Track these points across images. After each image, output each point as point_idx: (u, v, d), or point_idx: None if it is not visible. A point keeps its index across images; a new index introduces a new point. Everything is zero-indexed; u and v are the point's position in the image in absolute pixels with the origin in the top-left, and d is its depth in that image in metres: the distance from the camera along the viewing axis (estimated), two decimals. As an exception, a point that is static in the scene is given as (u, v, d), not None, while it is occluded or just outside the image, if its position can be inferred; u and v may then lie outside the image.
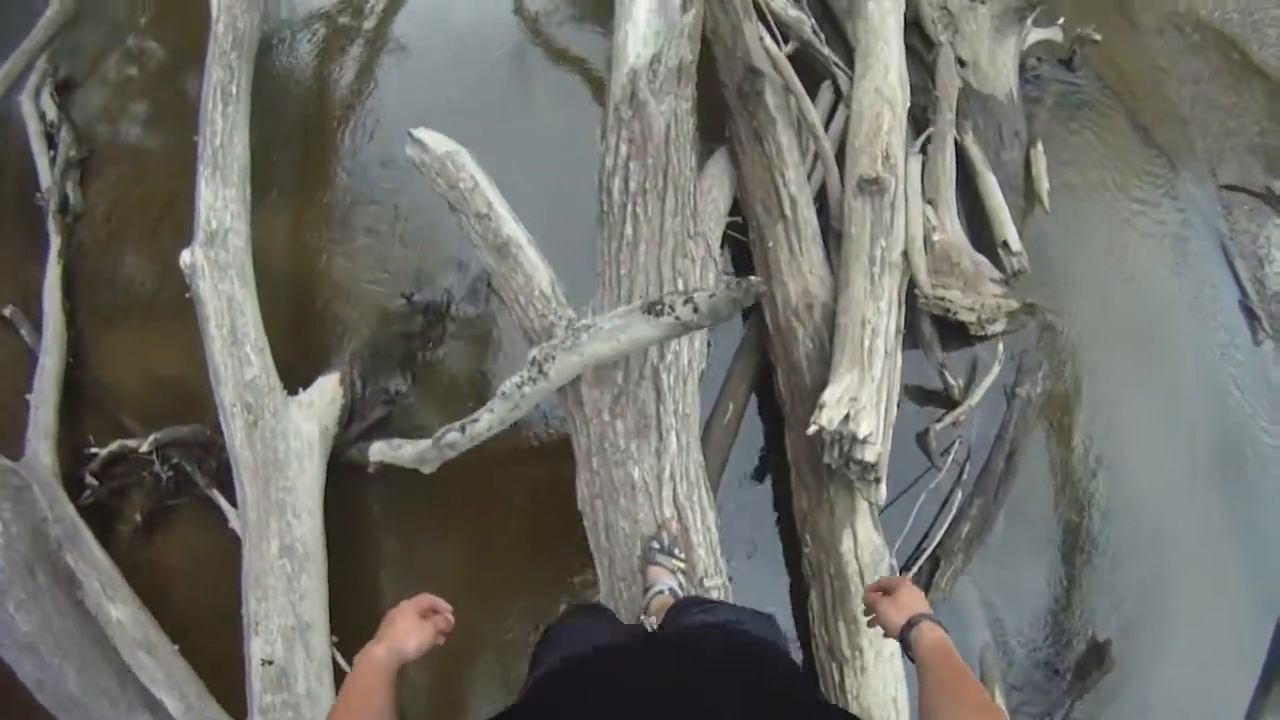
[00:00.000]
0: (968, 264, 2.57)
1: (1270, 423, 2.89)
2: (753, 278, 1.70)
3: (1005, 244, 2.74)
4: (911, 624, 0.99)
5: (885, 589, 1.08)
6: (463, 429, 2.19)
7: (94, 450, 2.48)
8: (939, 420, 2.53)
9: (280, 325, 2.56)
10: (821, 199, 2.67)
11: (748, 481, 2.52)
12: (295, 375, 2.48)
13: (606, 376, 2.04)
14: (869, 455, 2.03)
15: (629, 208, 2.10)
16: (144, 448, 2.44)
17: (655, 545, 1.99)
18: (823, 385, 2.23)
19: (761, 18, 2.91)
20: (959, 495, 2.49)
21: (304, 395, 2.43)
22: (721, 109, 2.76)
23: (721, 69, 2.78)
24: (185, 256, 2.42)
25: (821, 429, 2.00)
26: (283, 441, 2.28)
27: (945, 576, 2.37)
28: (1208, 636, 2.62)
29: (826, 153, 2.60)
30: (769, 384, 2.51)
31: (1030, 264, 2.70)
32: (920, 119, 2.88)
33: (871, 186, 2.41)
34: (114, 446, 2.48)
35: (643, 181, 2.11)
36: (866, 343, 2.18)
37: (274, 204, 2.87)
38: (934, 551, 2.40)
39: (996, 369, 2.57)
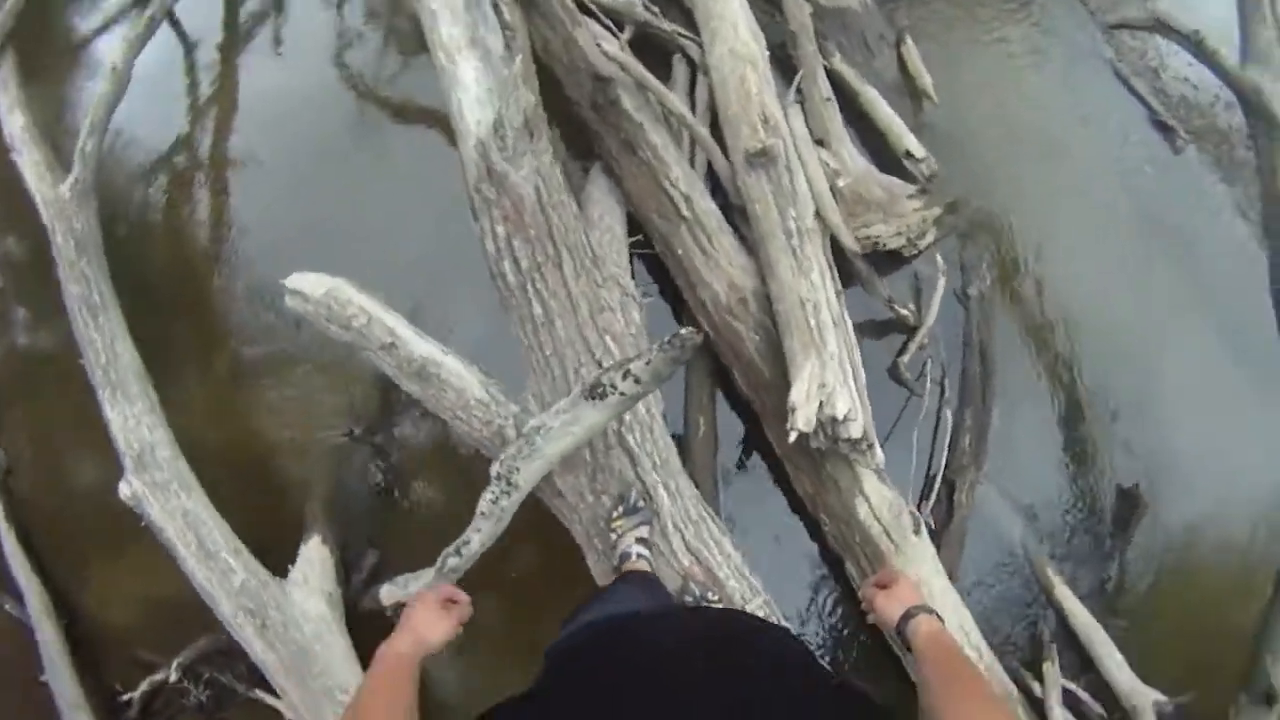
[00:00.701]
0: (880, 193, 2.51)
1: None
2: (683, 331, 1.63)
3: (908, 153, 2.68)
4: (908, 616, 0.97)
5: (881, 584, 1.06)
6: (459, 551, 2.14)
7: (127, 697, 2.44)
8: (904, 351, 2.51)
9: (239, 504, 2.50)
10: (712, 177, 2.59)
11: (746, 483, 2.49)
12: (276, 549, 2.42)
13: (575, 459, 2.00)
14: (854, 432, 2.00)
15: (529, 287, 2.02)
16: (172, 676, 2.40)
17: (689, 599, 1.97)
18: (783, 373, 2.21)
19: (588, 13, 2.79)
20: (948, 413, 2.48)
21: (295, 573, 2.38)
22: (580, 127, 2.65)
23: (568, 86, 2.66)
24: (124, 489, 2.35)
25: (801, 432, 1.97)
26: (297, 630, 2.24)
27: (963, 493, 2.39)
28: (1212, 412, 2.66)
29: (703, 137, 2.50)
30: (730, 383, 2.47)
31: (939, 160, 2.66)
32: (784, 61, 2.78)
33: (761, 159, 2.32)
34: (144, 686, 2.44)
35: (533, 256, 2.02)
36: (812, 322, 2.13)
37: (184, 385, 2.76)
38: (945, 475, 2.41)
39: (942, 281, 2.54)
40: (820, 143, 2.65)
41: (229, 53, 3.28)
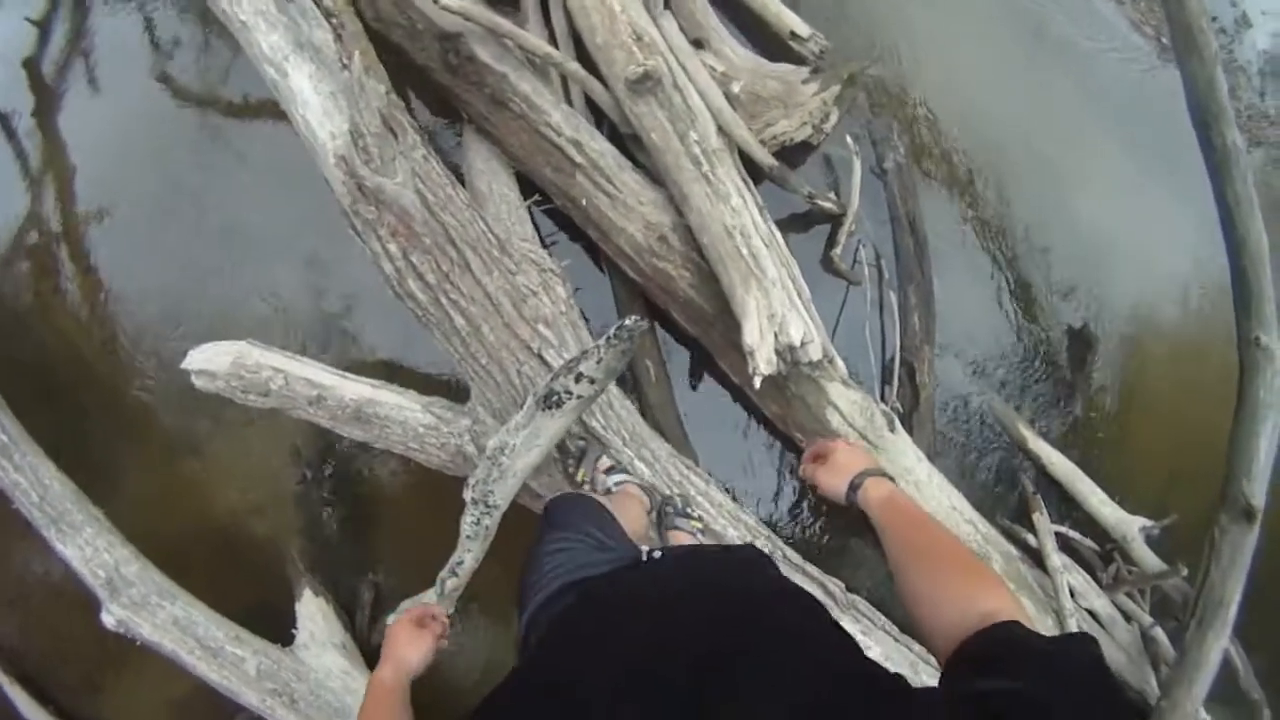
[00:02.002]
0: (776, 85, 2.36)
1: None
2: (627, 321, 1.53)
3: (793, 34, 2.51)
4: (854, 486, 0.93)
5: (818, 455, 1.01)
6: (454, 572, 2.10)
7: None
8: (834, 242, 2.45)
9: (219, 583, 2.40)
10: (594, 109, 2.40)
11: (713, 418, 2.45)
12: (272, 614, 2.35)
13: (545, 460, 1.93)
14: (814, 354, 1.97)
15: (443, 300, 1.87)
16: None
17: (670, 509, 1.96)
18: (724, 304, 2.13)
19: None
20: (891, 294, 2.47)
21: (301, 634, 2.32)
22: (437, 91, 2.40)
23: (412, 52, 2.38)
24: (106, 619, 2.24)
25: (765, 374, 1.91)
26: (327, 693, 2.21)
27: (924, 372, 2.42)
28: (1139, 224, 2.71)
29: (576, 73, 2.29)
30: (666, 317, 2.38)
31: (825, 33, 2.50)
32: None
33: (645, 84, 2.14)
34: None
35: (437, 266, 1.86)
36: (744, 250, 2.04)
37: (120, 482, 2.57)
38: (903, 358, 2.43)
39: (857, 162, 2.44)
40: (698, 44, 2.46)
41: (46, 114, 2.88)
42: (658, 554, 1.17)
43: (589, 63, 2.34)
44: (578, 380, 1.65)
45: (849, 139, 2.46)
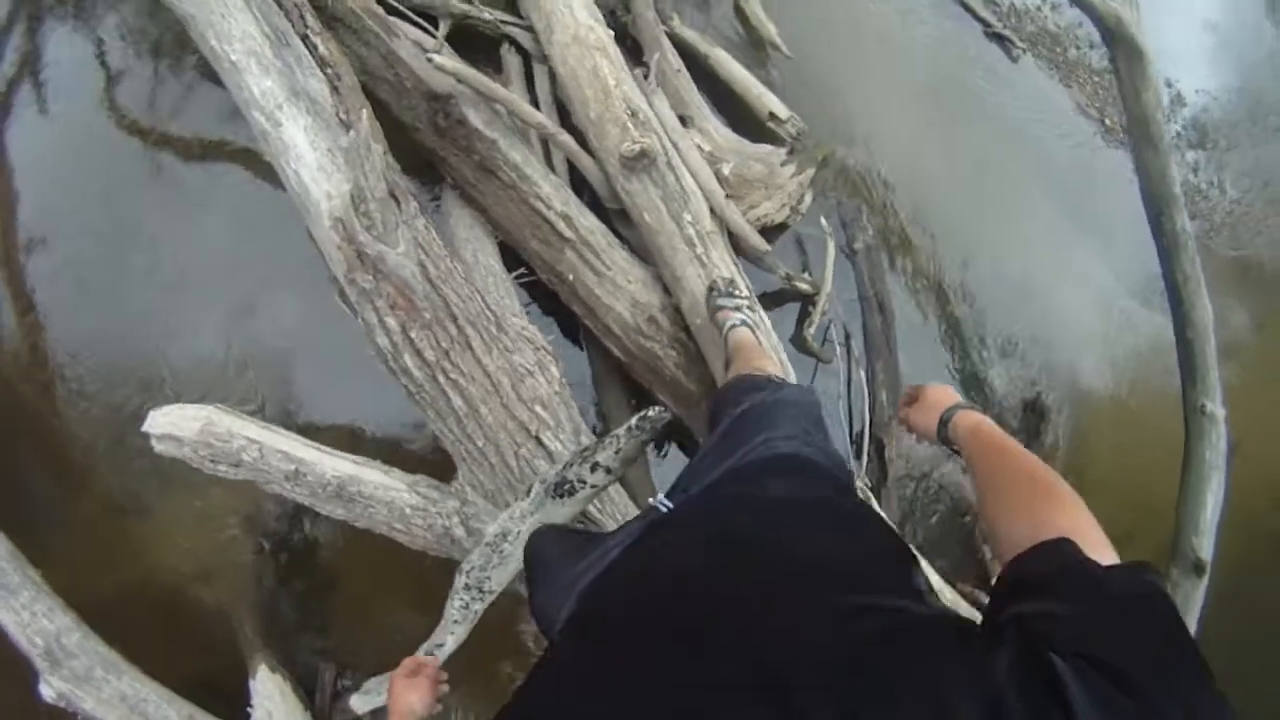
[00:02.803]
0: (759, 168, 2.44)
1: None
2: (650, 412, 1.55)
3: (772, 115, 2.61)
4: (944, 420, 0.94)
5: (911, 398, 1.04)
6: (432, 653, 2.05)
7: None
8: (809, 321, 2.55)
9: (167, 651, 2.26)
10: (573, 176, 2.41)
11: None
12: (224, 688, 2.21)
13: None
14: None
15: (440, 379, 1.83)
16: None
17: (715, 293, 2.05)
18: (712, 385, 2.18)
19: (395, 14, 2.43)
20: (861, 372, 2.58)
21: (257, 715, 2.19)
22: (416, 151, 2.36)
23: (398, 110, 2.32)
24: (45, 692, 2.05)
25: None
26: (281, 778, 2.09)
27: (892, 448, 2.53)
28: (1091, 305, 2.94)
29: (567, 144, 2.30)
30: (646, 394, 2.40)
31: (802, 115, 2.61)
32: (619, 32, 2.56)
33: (641, 162, 2.17)
34: None
35: (436, 344, 1.81)
36: (732, 335, 2.09)
37: (62, 540, 2.38)
38: (872, 433, 2.54)
39: (831, 244, 2.56)
40: (684, 121, 2.52)
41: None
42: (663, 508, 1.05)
43: (574, 133, 2.36)
44: (593, 470, 1.65)
45: (822, 220, 2.57)
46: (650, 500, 1.09)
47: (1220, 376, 2.31)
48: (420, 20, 2.48)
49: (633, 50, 2.64)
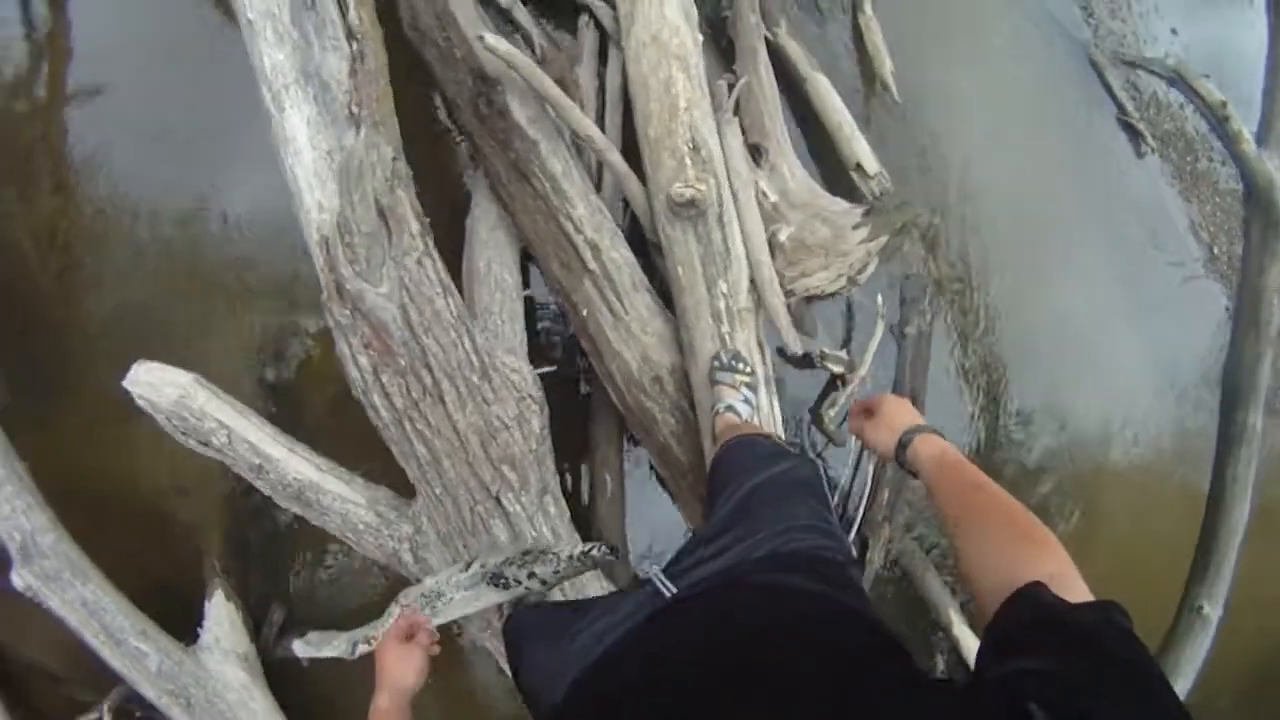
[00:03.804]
0: (824, 231, 2.16)
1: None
2: (597, 552, 1.49)
3: (859, 166, 2.28)
4: (903, 443, 0.88)
5: (867, 409, 0.98)
6: (369, 641, 2.14)
7: None
8: (831, 400, 2.36)
9: (134, 552, 2.37)
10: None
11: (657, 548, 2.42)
12: (179, 599, 2.34)
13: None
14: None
15: (406, 426, 1.75)
16: (105, 719, 2.43)
17: (716, 363, 1.90)
18: (702, 460, 2.06)
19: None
20: (870, 465, 2.41)
21: (205, 637, 2.32)
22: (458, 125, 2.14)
23: (443, 81, 2.09)
24: (16, 581, 2.17)
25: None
26: (221, 701, 2.24)
27: (875, 549, 2.42)
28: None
29: (616, 165, 2.05)
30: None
31: (891, 172, 2.28)
32: (716, 26, 2.21)
33: (689, 211, 1.94)
34: (77, 725, 2.46)
35: (407, 392, 1.72)
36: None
37: (55, 426, 2.46)
38: (859, 529, 2.41)
39: (881, 326, 2.31)
40: (757, 151, 2.22)
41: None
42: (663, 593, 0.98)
43: (632, 137, 2.10)
44: (529, 577, 1.63)
45: (879, 299, 2.30)
46: (644, 570, 1.03)
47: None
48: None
49: (726, 51, 2.30)
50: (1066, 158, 2.58)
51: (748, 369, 1.90)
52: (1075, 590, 0.62)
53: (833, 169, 2.28)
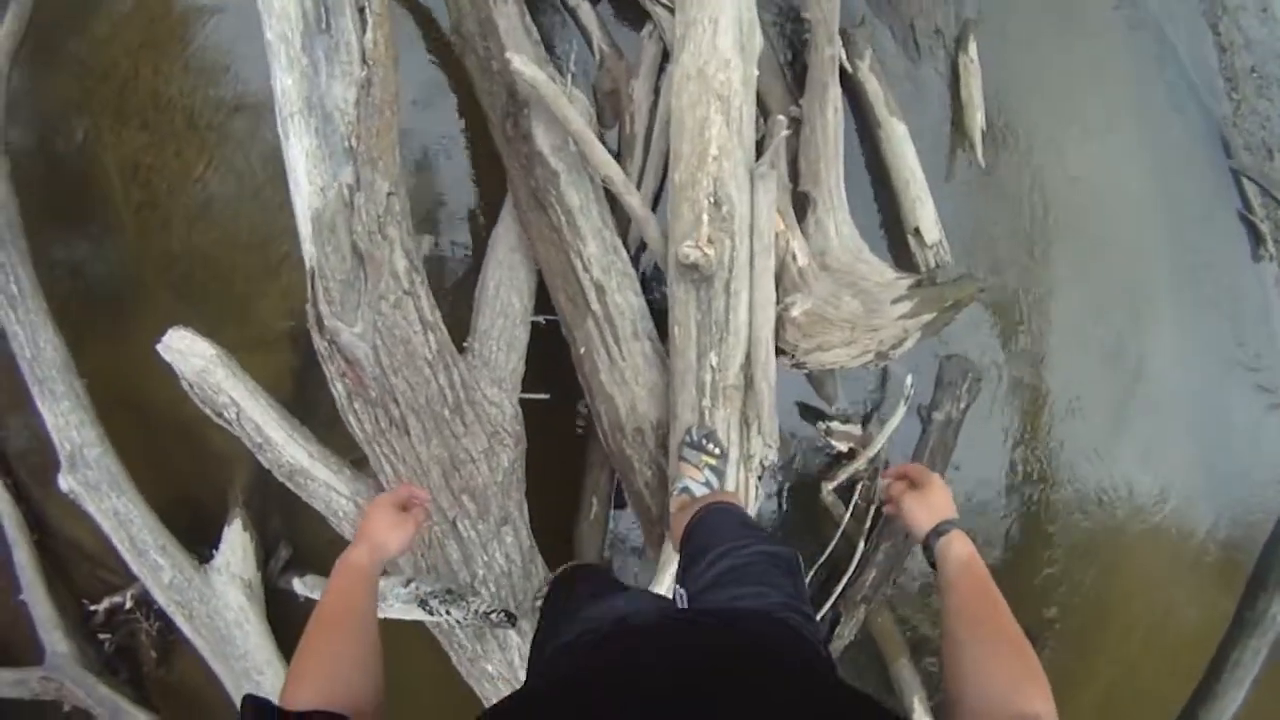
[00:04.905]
0: (853, 305, 1.97)
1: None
2: (495, 615, 1.61)
3: (917, 231, 2.05)
4: (940, 531, 0.89)
5: (912, 481, 0.96)
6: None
7: (93, 609, 2.84)
8: (832, 475, 2.23)
9: (167, 468, 2.63)
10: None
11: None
12: (204, 519, 2.60)
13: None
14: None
15: (375, 449, 1.81)
16: (126, 604, 2.79)
17: (687, 439, 1.82)
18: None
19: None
20: (862, 543, 2.29)
21: (218, 559, 2.58)
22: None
23: (480, 91, 2.01)
24: (62, 483, 2.47)
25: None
26: (219, 619, 2.51)
27: (847, 625, 2.33)
28: None
29: (634, 208, 1.93)
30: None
31: (954, 243, 2.04)
32: (797, 49, 1.99)
33: (692, 274, 1.82)
34: (104, 604, 2.83)
35: (375, 421, 1.77)
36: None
37: (116, 341, 2.71)
38: (835, 604, 2.33)
39: (902, 409, 2.13)
40: (804, 200, 2.03)
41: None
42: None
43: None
44: (447, 612, 1.73)
45: (908, 380, 2.11)
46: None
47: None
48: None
49: (801, 77, 2.08)
50: (1166, 249, 2.20)
51: (716, 451, 1.80)
52: None
53: (890, 227, 2.05)
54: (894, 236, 2.11)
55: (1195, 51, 2.56)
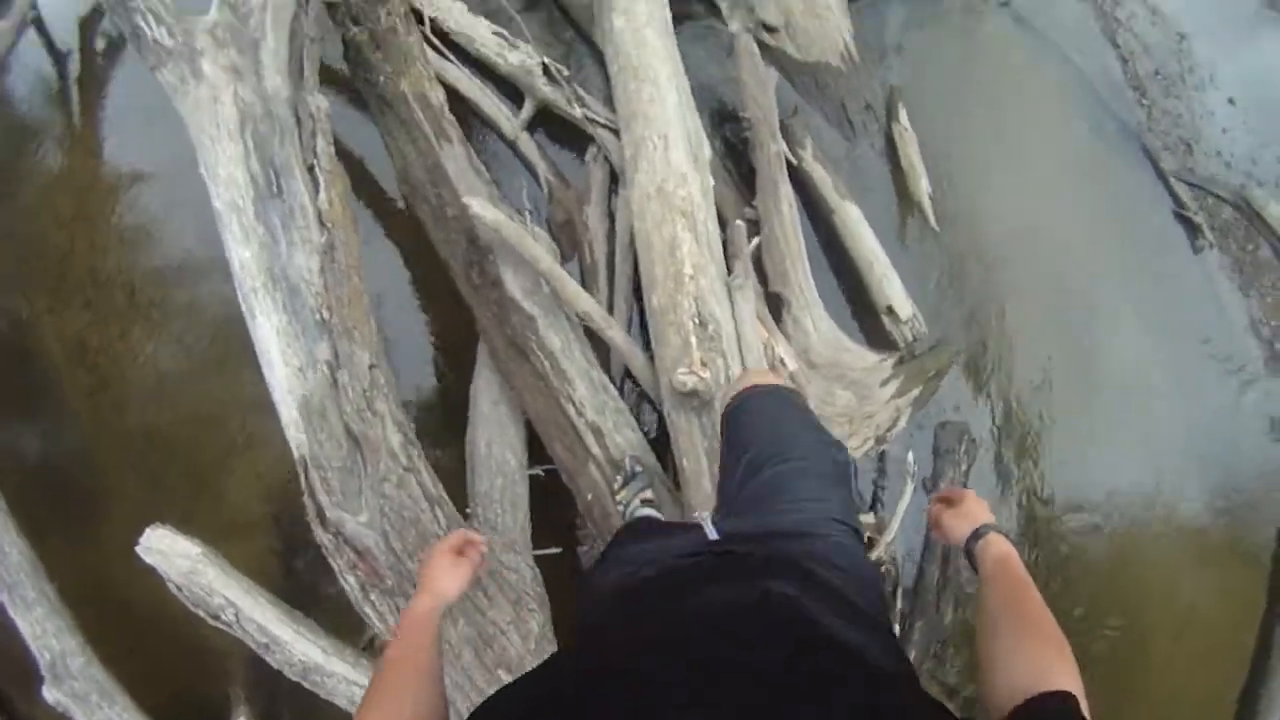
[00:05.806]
0: (845, 397, 1.98)
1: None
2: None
3: (890, 309, 2.06)
4: (978, 535, 0.94)
5: (949, 500, 1.04)
6: None
7: None
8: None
9: (161, 668, 2.43)
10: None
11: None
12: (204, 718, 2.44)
13: None
14: None
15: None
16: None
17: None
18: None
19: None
20: (895, 625, 2.27)
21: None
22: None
23: (436, 241, 1.97)
24: (48, 695, 2.30)
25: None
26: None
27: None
28: None
29: (617, 342, 1.91)
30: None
31: (925, 310, 2.06)
32: (738, 150, 2.01)
33: (691, 402, 1.79)
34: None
35: (396, 610, 1.68)
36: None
37: (91, 536, 2.54)
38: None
39: (910, 487, 2.12)
40: (778, 302, 2.03)
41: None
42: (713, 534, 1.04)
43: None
44: None
45: (909, 457, 2.11)
46: (695, 517, 1.09)
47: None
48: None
49: (748, 177, 2.09)
50: (1118, 269, 2.29)
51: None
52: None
53: (862, 309, 2.07)
54: (863, 314, 2.13)
55: (1101, 69, 2.70)
